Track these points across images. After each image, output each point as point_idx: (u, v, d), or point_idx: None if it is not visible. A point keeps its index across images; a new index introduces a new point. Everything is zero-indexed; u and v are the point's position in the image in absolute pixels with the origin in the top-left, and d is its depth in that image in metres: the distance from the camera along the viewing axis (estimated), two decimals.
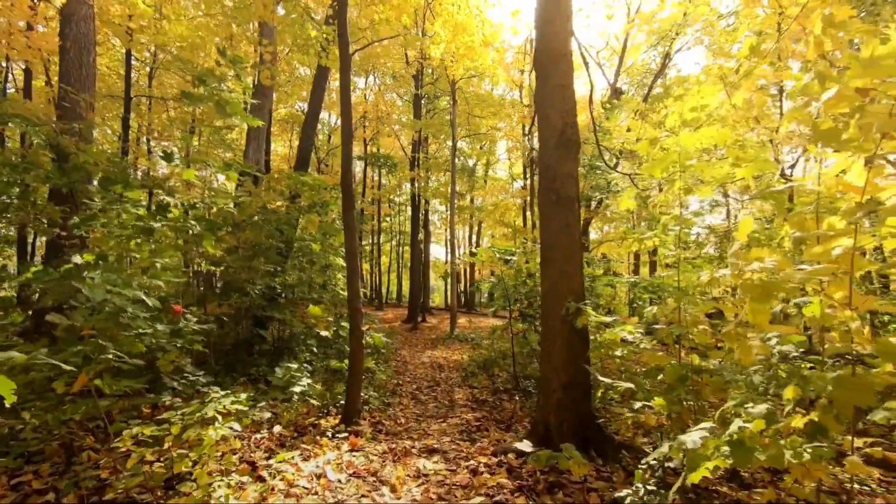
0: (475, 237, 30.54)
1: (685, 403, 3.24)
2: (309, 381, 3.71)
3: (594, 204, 15.17)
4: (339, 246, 6.22)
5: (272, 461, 3.20)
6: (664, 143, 3.70)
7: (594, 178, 10.05)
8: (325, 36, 8.27)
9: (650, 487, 2.63)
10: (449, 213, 20.30)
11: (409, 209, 25.47)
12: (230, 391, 3.14)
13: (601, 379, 2.95)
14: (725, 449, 1.98)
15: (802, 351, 2.92)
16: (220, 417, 2.60)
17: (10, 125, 4.48)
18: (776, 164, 3.73)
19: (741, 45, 4.45)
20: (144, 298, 2.72)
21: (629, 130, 12.07)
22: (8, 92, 14.47)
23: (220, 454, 2.55)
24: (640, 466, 2.87)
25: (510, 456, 3.68)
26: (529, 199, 17.63)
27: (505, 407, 5.93)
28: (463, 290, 30.44)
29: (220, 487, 2.49)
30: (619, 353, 3.53)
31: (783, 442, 1.99)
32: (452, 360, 10.18)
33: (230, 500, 2.47)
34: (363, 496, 2.91)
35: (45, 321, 3.29)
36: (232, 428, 2.61)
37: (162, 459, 2.54)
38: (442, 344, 13.14)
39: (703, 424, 2.16)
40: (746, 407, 2.07)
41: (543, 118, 4.30)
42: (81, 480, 2.58)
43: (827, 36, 3.45)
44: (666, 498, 2.47)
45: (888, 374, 1.85)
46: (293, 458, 3.18)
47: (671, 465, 2.97)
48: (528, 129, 20.15)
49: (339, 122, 25.71)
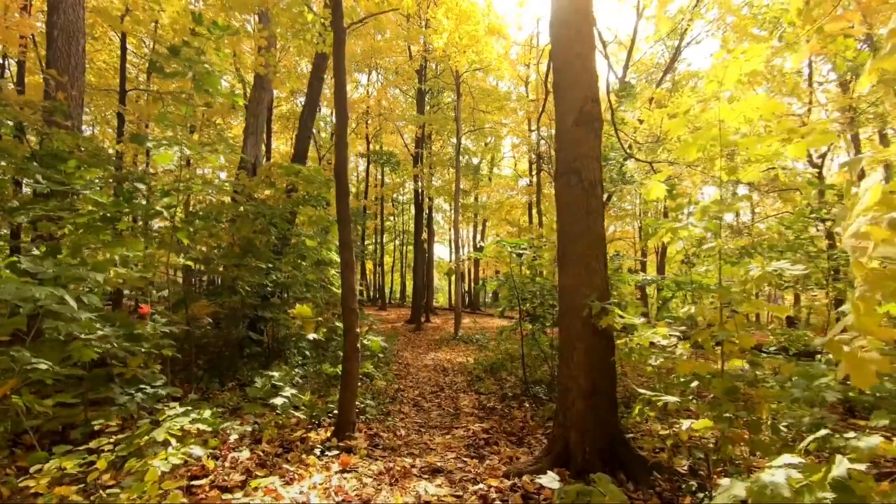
0: (479, 236, 30.02)
1: (736, 420, 2.74)
2: (293, 391, 3.23)
3: (605, 198, 14.61)
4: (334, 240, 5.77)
5: (249, 486, 2.73)
6: (701, 117, 3.19)
7: (606, 169, 9.45)
8: (321, 20, 7.82)
9: None
10: (453, 209, 19.79)
11: (412, 208, 25.01)
12: (200, 404, 2.67)
13: (641, 391, 2.43)
14: (825, 495, 1.48)
15: None
16: (173, 441, 2.14)
17: None
18: (836, 136, 3.21)
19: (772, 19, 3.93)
20: (66, 296, 2.23)
21: (641, 122, 11.55)
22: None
23: (176, 487, 2.08)
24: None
25: (525, 479, 3.19)
26: (536, 196, 17.09)
27: (515, 415, 5.44)
28: (467, 289, 29.94)
29: None
30: (654, 360, 3.03)
31: None
32: (457, 362, 9.69)
33: None
34: None
35: None
36: (190, 455, 2.14)
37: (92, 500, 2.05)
38: (446, 345, 12.65)
39: (784, 458, 1.67)
40: (850, 439, 1.57)
41: (561, 93, 3.80)
42: None
43: None
44: None
45: None
46: (272, 483, 2.71)
47: None
48: (534, 124, 19.63)
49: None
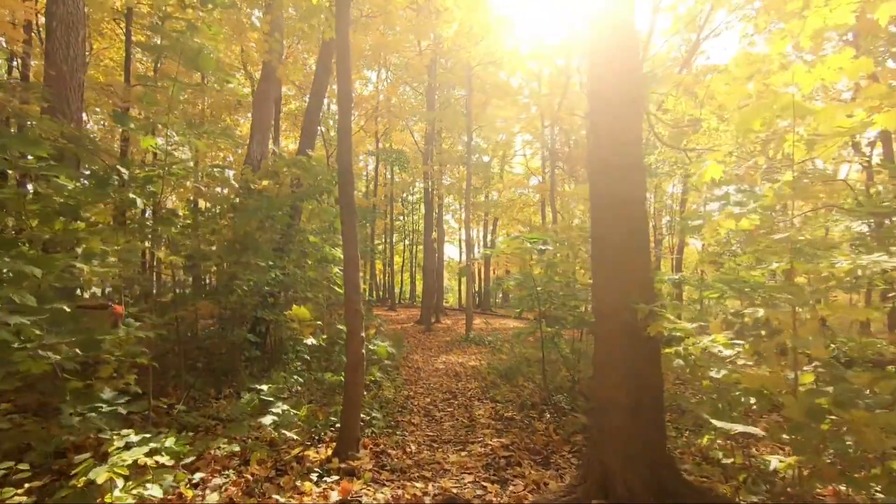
0: (490, 236, 29.49)
1: (823, 448, 2.22)
2: (285, 407, 2.77)
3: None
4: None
5: None
6: (771, 80, 2.67)
7: None
8: (328, 3, 7.40)
9: None
10: (464, 208, 19.30)
11: (422, 208, 24.58)
12: (170, 429, 2.22)
13: (714, 422, 1.89)
14: None
15: None
16: (119, 481, 1.70)
17: None
18: None
19: None
20: None
21: (666, 111, 10.91)
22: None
23: None
24: None
25: None
26: (550, 193, 16.53)
27: (536, 428, 4.94)
28: (477, 289, 29.41)
29: None
30: (716, 372, 2.51)
31: None
32: (470, 366, 9.19)
33: None
34: None
35: None
36: (145, 495, 1.70)
37: None
38: (457, 347, 12.16)
39: None
40: None
41: (597, 65, 3.30)
42: None
43: None
44: None
45: None
46: None
47: None
48: (547, 120, 19.05)
49: (351, 117, 24.92)
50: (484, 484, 3.27)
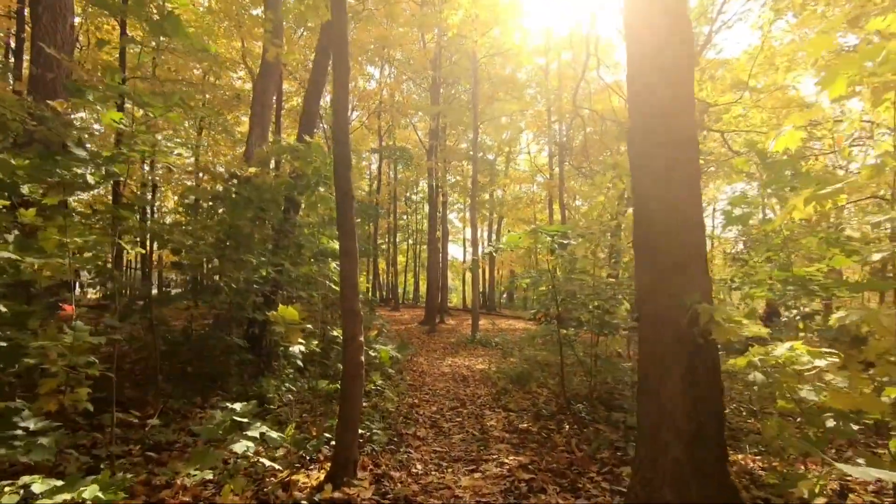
0: (494, 236, 28.96)
1: None
2: (264, 429, 2.25)
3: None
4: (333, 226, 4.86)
5: None
6: (870, 25, 2.14)
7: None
8: None
9: None
10: (469, 205, 18.78)
11: (425, 207, 24.09)
12: (98, 474, 1.70)
13: (841, 467, 1.34)
14: None
15: None
16: None
17: None
18: None
19: None
20: None
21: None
22: None
23: None
24: None
25: None
26: (559, 190, 15.99)
27: (556, 442, 4.42)
28: (482, 289, 28.88)
29: None
30: (808, 393, 1.98)
31: None
32: (477, 369, 8.67)
33: None
34: None
35: None
36: None
37: None
38: (463, 349, 11.65)
39: None
40: None
41: (636, 14, 2.77)
42: None
43: None
44: None
45: None
46: None
47: None
48: (555, 114, 18.51)
49: (354, 114, 24.46)
50: None
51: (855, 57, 2.06)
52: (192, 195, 4.99)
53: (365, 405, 4.83)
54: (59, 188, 2.44)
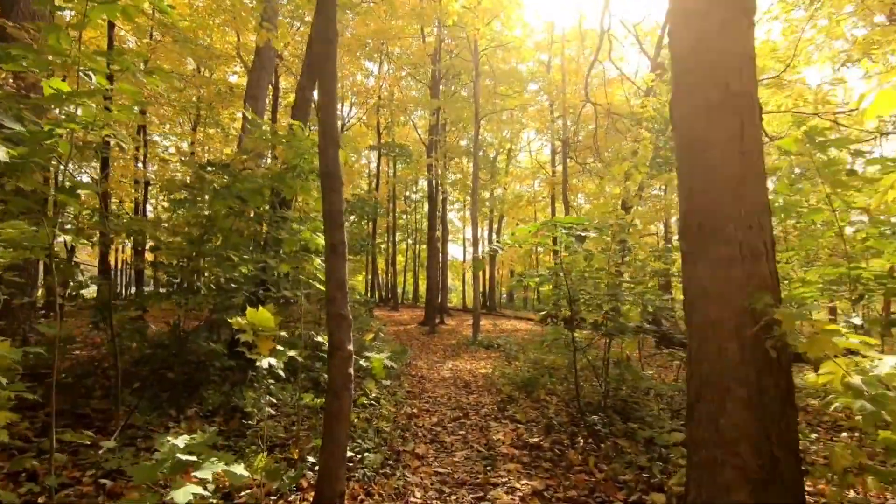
0: (495, 235, 28.48)
1: None
2: (221, 465, 1.77)
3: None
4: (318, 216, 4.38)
5: None
6: None
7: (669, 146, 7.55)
8: None
9: None
10: (470, 200, 18.28)
11: (425, 206, 23.59)
12: None
13: None
14: None
15: None
16: None
17: None
18: None
19: None
20: None
21: None
22: None
23: None
24: None
25: None
26: (563, 186, 15.50)
27: (571, 460, 3.93)
28: (482, 289, 28.40)
29: None
30: None
31: None
32: (480, 374, 8.18)
33: None
34: None
35: None
36: None
37: None
38: (465, 351, 11.16)
39: None
40: None
41: None
42: None
43: None
44: None
45: None
46: None
47: None
48: (557, 110, 18.04)
49: (353, 111, 23.97)
50: None
51: None
52: (168, 189, 4.52)
53: (356, 419, 4.35)
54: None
